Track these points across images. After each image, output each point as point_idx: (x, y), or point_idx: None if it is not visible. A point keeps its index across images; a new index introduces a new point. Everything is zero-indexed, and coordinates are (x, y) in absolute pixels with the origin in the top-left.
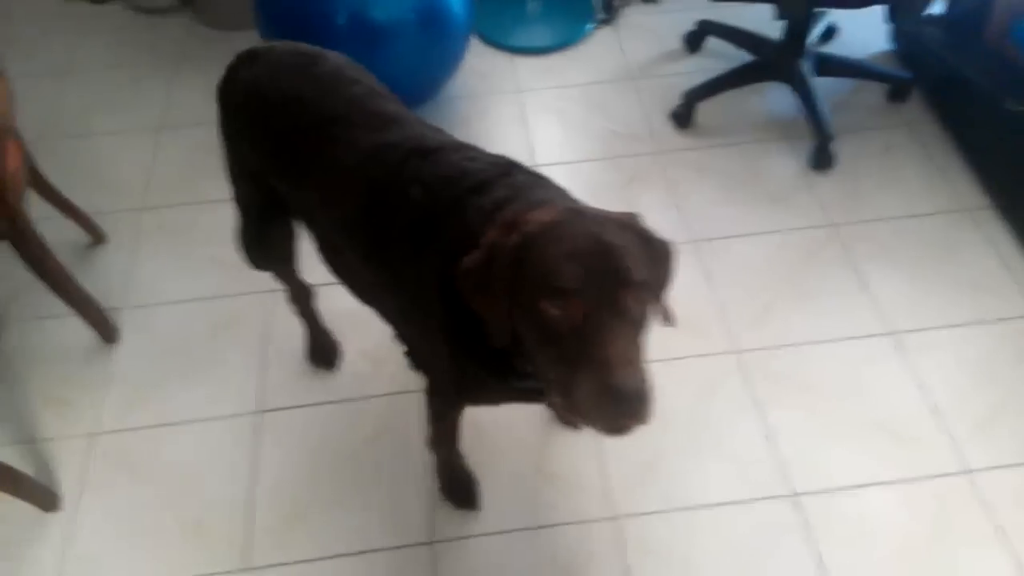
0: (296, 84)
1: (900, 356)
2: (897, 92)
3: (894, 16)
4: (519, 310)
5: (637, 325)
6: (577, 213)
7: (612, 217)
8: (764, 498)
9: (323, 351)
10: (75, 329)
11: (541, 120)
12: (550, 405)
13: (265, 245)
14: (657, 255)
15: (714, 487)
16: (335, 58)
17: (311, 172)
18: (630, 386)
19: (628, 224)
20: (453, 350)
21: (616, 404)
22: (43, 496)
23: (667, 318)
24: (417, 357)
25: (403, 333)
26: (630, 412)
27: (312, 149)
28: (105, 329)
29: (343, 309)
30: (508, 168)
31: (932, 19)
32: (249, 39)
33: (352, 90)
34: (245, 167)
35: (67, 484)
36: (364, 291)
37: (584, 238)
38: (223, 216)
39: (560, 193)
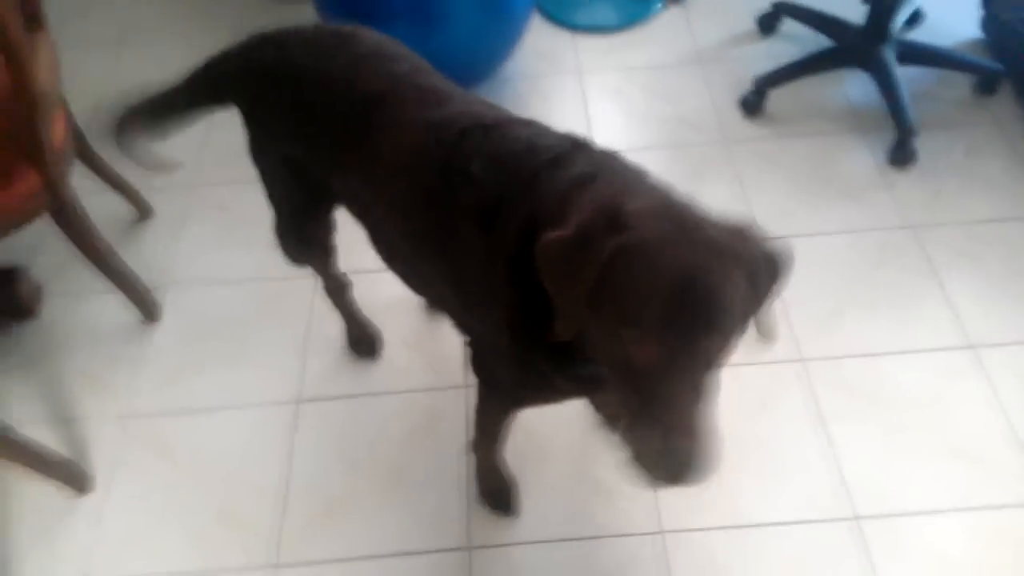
0: (336, 64)
1: (978, 372)
2: (985, 85)
3: (989, 2)
4: (596, 318)
5: (714, 366)
6: (681, 224)
7: (719, 232)
8: (823, 520)
9: (363, 341)
10: (116, 306)
11: (602, 103)
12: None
13: (303, 241)
14: (767, 271)
15: (770, 505)
16: (373, 36)
17: (360, 155)
18: (685, 458)
19: (738, 239)
20: (518, 344)
21: (668, 468)
22: (74, 477)
23: (766, 333)
24: (478, 350)
25: (465, 324)
26: (681, 478)
27: (359, 131)
28: (146, 307)
29: (384, 296)
30: (579, 143)
31: None
32: (305, 13)
33: (396, 67)
34: (278, 156)
35: (100, 465)
36: (421, 282)
37: (682, 269)
38: None
39: (641, 175)
